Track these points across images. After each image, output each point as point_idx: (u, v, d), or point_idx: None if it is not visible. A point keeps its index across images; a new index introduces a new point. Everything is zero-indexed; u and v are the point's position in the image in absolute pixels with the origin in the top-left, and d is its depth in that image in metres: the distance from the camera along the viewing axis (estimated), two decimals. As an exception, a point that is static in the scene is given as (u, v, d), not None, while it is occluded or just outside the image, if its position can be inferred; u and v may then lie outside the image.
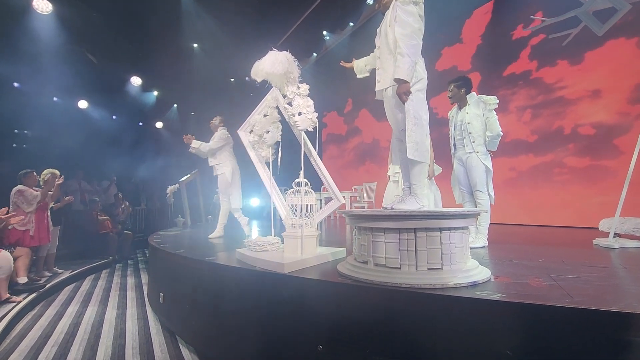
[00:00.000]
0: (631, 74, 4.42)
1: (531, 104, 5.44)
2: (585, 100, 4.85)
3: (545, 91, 5.27)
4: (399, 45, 1.95)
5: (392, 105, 2.11)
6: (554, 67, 5.18)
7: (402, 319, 1.53)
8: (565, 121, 5.05)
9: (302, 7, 7.78)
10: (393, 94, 2.05)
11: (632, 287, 1.52)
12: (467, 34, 6.53)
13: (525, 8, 5.56)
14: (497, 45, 6.00)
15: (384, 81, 2.13)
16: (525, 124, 5.51)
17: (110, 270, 5.90)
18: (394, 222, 1.67)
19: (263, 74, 2.56)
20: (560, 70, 5.11)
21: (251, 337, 2.14)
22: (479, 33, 6.31)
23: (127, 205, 8.00)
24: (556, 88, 5.15)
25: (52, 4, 6.30)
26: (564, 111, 5.06)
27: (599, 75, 4.71)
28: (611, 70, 4.60)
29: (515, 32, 5.73)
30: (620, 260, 2.24)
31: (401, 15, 1.97)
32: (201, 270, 2.62)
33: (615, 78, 4.57)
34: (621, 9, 4.49)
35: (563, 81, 5.08)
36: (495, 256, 2.45)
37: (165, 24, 7.66)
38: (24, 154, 7.38)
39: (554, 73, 5.18)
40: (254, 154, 3.04)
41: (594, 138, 4.75)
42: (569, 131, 5.00)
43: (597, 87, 4.73)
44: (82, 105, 8.63)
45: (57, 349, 2.61)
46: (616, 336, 1.16)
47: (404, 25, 1.96)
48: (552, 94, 5.20)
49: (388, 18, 2.09)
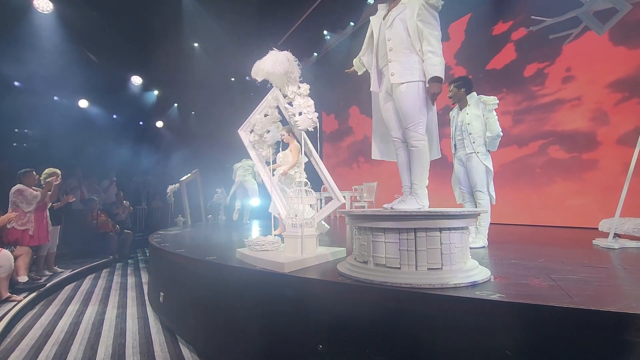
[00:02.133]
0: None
1: (532, 104, 5.45)
2: (585, 100, 4.85)
3: (548, 90, 5.28)
4: (432, 44, 1.95)
5: (402, 100, 2.03)
6: (556, 64, 5.18)
7: (402, 318, 1.53)
8: (564, 121, 5.05)
9: (303, 6, 7.79)
10: (408, 90, 2.00)
11: (632, 288, 1.52)
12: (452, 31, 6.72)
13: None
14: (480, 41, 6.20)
15: (400, 75, 2.03)
16: (526, 123, 5.51)
17: (110, 269, 5.91)
18: (394, 222, 1.67)
19: (263, 74, 2.55)
20: (560, 69, 5.12)
21: (251, 337, 2.14)
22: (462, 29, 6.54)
23: (128, 205, 8.00)
24: (556, 88, 5.16)
25: (53, 3, 6.31)
26: (564, 111, 5.06)
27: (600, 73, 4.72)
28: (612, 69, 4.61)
29: (495, 28, 5.95)
30: (620, 261, 2.24)
31: (429, 16, 1.98)
32: (201, 269, 2.63)
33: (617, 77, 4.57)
34: (622, 10, 4.49)
35: (563, 79, 5.09)
36: (495, 256, 2.45)
37: (166, 24, 7.68)
38: (24, 153, 7.40)
39: (555, 73, 5.19)
40: (254, 153, 3.04)
41: (594, 138, 4.75)
42: (570, 131, 5.00)
43: (598, 85, 4.73)
44: (83, 104, 8.64)
45: (58, 348, 2.62)
46: (615, 336, 1.16)
47: (432, 27, 1.98)
48: (552, 93, 5.20)
49: (406, 11, 2.03)
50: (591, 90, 4.80)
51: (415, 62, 2.01)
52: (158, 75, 9.47)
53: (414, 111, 2.01)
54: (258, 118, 2.90)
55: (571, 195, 4.94)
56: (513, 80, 5.67)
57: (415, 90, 2.01)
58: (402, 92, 2.03)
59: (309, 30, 8.61)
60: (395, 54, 2.06)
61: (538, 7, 5.38)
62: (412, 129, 2.03)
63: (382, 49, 2.16)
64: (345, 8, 7.97)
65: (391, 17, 2.09)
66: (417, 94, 2.01)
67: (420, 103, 2.02)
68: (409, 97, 2.01)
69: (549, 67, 5.24)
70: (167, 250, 3.24)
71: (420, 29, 1.98)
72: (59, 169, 4.55)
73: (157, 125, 10.92)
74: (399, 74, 2.03)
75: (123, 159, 9.43)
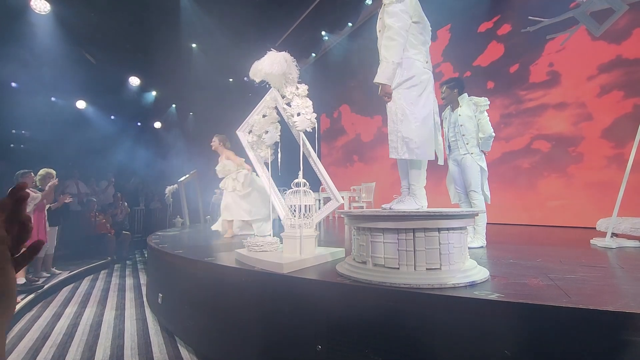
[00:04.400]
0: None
1: (529, 105, 5.47)
2: (585, 99, 4.88)
3: (545, 91, 5.31)
4: (380, 51, 2.04)
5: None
6: (560, 63, 5.20)
7: (400, 319, 1.54)
8: (564, 119, 5.07)
9: (301, 7, 7.79)
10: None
11: (630, 287, 1.53)
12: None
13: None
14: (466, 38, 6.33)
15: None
16: (526, 122, 5.53)
17: (108, 270, 5.89)
18: (392, 222, 1.67)
19: (262, 75, 2.56)
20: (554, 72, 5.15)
21: (250, 338, 2.14)
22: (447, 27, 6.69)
23: (126, 206, 7.98)
24: (555, 87, 5.18)
25: (50, 4, 6.29)
26: (564, 110, 5.08)
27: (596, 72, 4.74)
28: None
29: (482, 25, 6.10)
30: (618, 260, 2.25)
31: (385, 19, 2.02)
32: (200, 270, 2.62)
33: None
34: (619, 10, 4.50)
35: (560, 80, 5.11)
36: (493, 256, 2.46)
37: (163, 24, 7.66)
38: (22, 154, 7.36)
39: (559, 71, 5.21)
40: (253, 154, 3.04)
41: (593, 137, 4.77)
42: (569, 130, 5.02)
43: (598, 84, 4.76)
44: (81, 105, 8.62)
45: (56, 350, 2.61)
46: (613, 336, 1.16)
47: (387, 28, 2.01)
48: (549, 94, 5.23)
49: None
50: (587, 90, 4.82)
51: None
52: (156, 76, 9.44)
53: (393, 112, 2.09)
54: (256, 119, 2.90)
55: (568, 195, 4.96)
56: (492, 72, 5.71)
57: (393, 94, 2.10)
58: None
59: (307, 31, 8.61)
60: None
61: (526, 7, 5.41)
62: None
63: None
64: (344, 9, 7.98)
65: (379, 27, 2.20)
66: (395, 97, 2.08)
67: (398, 105, 2.07)
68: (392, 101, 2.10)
69: (534, 66, 5.30)
70: (165, 252, 3.23)
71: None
72: (54, 170, 4.54)
73: (155, 126, 10.89)
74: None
75: (121, 160, 9.40)
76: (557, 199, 5.07)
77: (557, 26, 5.08)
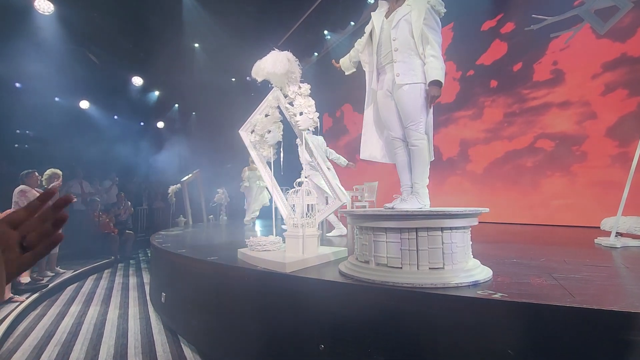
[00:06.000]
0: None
1: (533, 103, 5.44)
2: (589, 97, 4.84)
3: (545, 91, 5.28)
4: (435, 49, 2.00)
5: (405, 99, 2.05)
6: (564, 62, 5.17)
7: (403, 318, 1.53)
8: (568, 118, 5.04)
9: (304, 6, 7.78)
10: (410, 90, 2.03)
11: (634, 287, 1.52)
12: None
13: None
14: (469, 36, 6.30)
15: (405, 76, 2.05)
16: (526, 122, 5.50)
17: (112, 270, 5.92)
18: (395, 221, 1.67)
19: (264, 74, 2.56)
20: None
21: (253, 337, 2.14)
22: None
23: (129, 205, 8.02)
24: (554, 87, 5.15)
25: (54, 4, 6.32)
26: (568, 109, 5.05)
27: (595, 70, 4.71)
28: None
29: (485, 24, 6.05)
30: (622, 260, 2.24)
31: (433, 22, 2.03)
32: (203, 270, 2.63)
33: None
34: (623, 8, 4.47)
35: (559, 79, 5.08)
36: (497, 255, 2.45)
37: (166, 24, 7.69)
38: (26, 154, 7.41)
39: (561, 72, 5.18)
40: (255, 153, 3.04)
41: (597, 135, 4.74)
42: (573, 129, 4.99)
43: (601, 82, 4.72)
44: (84, 105, 8.66)
45: (60, 349, 2.63)
46: (618, 336, 1.16)
47: (435, 32, 2.03)
48: (552, 93, 5.19)
49: (412, 14, 2.04)
50: (587, 89, 4.79)
51: (418, 64, 2.05)
52: (159, 75, 9.48)
53: (415, 110, 2.04)
54: (259, 118, 2.89)
55: (572, 193, 4.93)
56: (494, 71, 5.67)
57: (418, 91, 2.04)
58: (405, 92, 2.06)
59: (309, 30, 8.61)
60: (401, 54, 2.08)
61: (530, 5, 5.37)
62: (412, 128, 2.05)
63: (386, 48, 2.16)
64: (346, 8, 7.96)
65: (397, 17, 2.10)
66: (419, 94, 2.04)
67: (421, 104, 2.05)
68: (411, 97, 2.04)
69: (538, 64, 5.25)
70: (168, 251, 3.25)
71: (424, 33, 2.01)
72: (60, 170, 4.56)
73: (158, 126, 10.94)
74: (404, 74, 2.06)
75: (124, 160, 9.44)
76: (561, 198, 5.04)
77: (561, 24, 5.08)
